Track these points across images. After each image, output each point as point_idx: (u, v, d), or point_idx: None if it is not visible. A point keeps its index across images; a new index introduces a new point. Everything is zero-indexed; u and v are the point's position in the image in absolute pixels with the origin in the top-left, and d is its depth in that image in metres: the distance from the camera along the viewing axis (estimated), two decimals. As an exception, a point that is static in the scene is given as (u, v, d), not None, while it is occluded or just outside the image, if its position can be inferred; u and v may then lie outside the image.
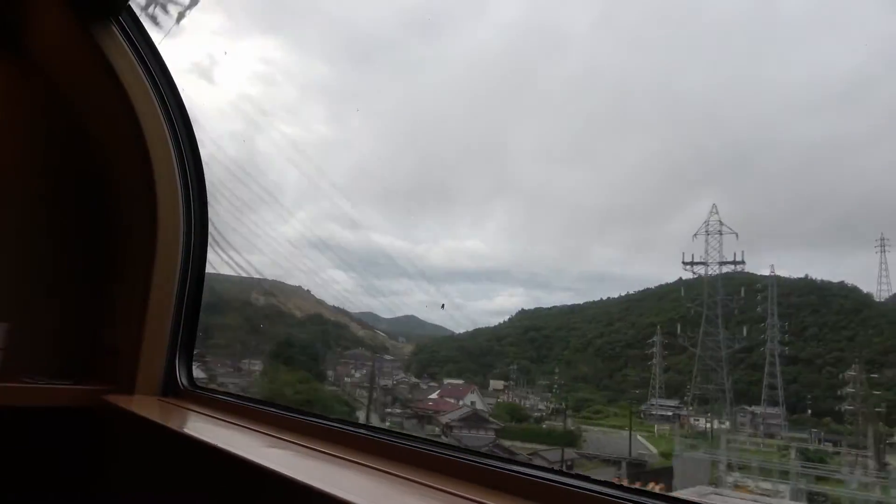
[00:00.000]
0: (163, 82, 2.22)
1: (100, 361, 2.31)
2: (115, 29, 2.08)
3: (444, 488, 1.20)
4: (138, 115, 2.17)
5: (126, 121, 2.19)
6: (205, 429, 1.77)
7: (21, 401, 2.01)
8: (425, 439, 1.47)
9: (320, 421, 1.69)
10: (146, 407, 2.00)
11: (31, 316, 2.28)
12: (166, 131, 2.24)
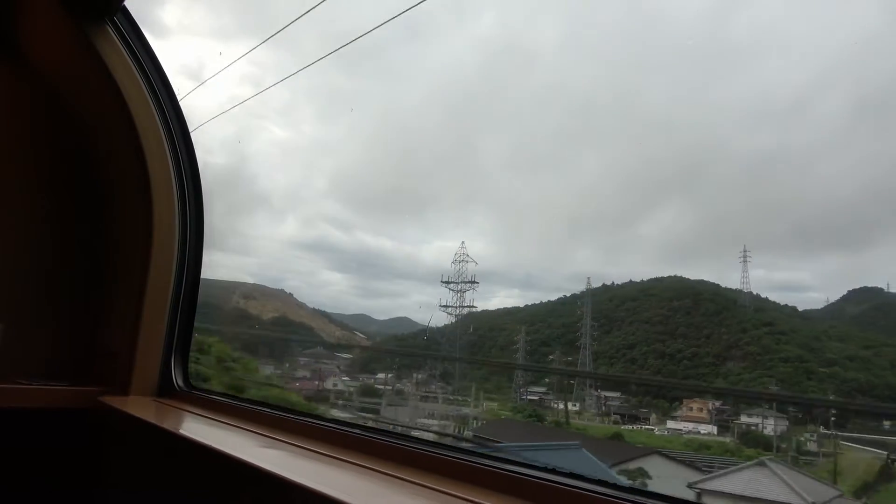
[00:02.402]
0: (158, 82, 2.22)
1: (96, 363, 2.30)
2: (109, 29, 2.08)
3: (437, 487, 1.19)
4: (133, 116, 2.17)
5: (121, 121, 2.19)
6: (199, 429, 1.76)
7: (17, 402, 2.00)
8: (419, 439, 1.46)
9: (314, 421, 1.69)
10: (141, 407, 1.99)
11: (27, 318, 2.27)
12: (162, 132, 2.24)
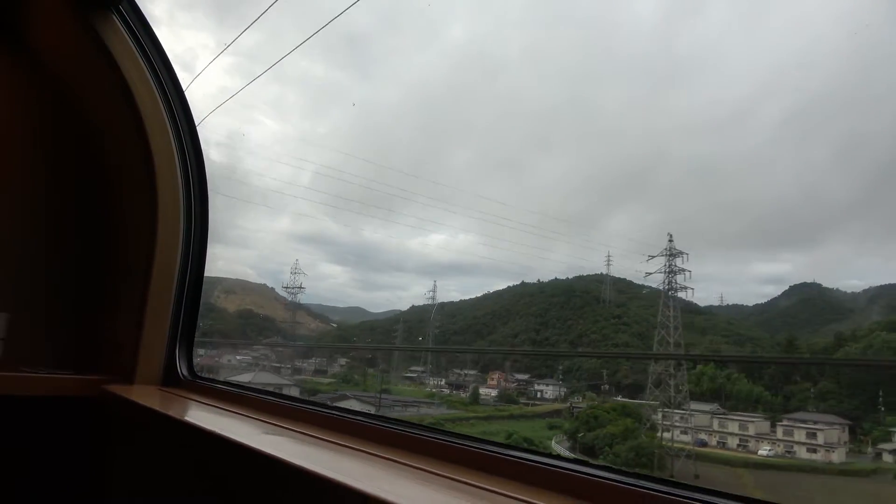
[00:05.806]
0: (163, 71, 2.22)
1: (101, 352, 2.31)
2: (115, 18, 2.08)
3: (438, 472, 1.18)
4: (139, 106, 2.17)
5: (127, 111, 2.19)
6: (204, 417, 1.77)
7: (22, 390, 2.01)
8: (420, 425, 1.46)
9: (316, 408, 1.69)
10: (146, 396, 2.00)
11: (34, 307, 2.28)
12: (167, 121, 2.24)
